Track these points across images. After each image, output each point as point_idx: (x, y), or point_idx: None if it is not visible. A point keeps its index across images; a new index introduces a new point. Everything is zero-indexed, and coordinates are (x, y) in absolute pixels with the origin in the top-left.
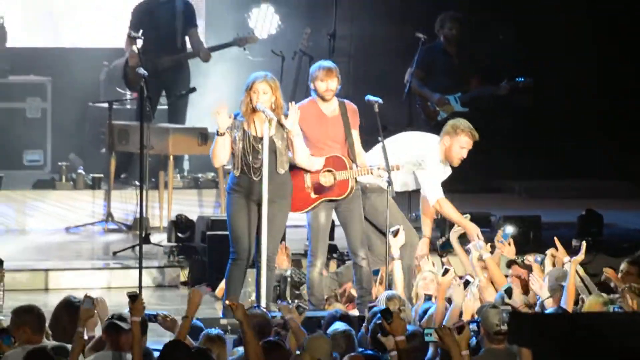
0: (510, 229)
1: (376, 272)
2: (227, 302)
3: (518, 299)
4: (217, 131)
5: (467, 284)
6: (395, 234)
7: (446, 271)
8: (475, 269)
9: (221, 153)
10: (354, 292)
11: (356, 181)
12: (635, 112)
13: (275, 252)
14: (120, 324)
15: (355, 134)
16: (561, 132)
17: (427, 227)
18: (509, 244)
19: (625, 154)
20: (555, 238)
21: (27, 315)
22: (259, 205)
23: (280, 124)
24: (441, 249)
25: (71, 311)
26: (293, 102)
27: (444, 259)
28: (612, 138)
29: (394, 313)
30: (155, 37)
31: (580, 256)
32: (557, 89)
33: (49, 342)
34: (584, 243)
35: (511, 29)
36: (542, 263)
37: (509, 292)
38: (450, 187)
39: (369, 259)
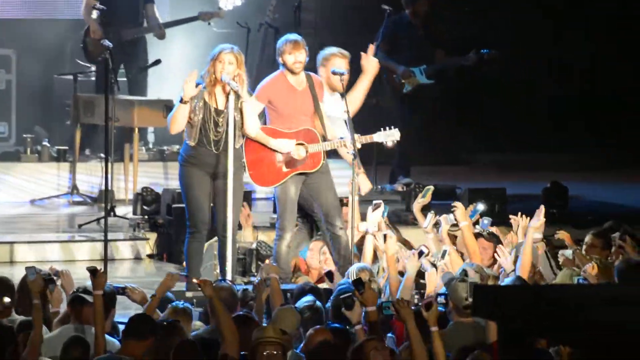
0: (481, 206)
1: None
2: (194, 280)
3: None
4: (182, 98)
5: (420, 254)
6: (374, 208)
7: (385, 237)
8: (445, 240)
9: (180, 121)
10: (328, 265)
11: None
12: (598, 87)
13: (237, 225)
14: (85, 297)
15: (323, 107)
16: (529, 105)
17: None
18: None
19: (593, 125)
20: (518, 215)
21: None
22: (214, 177)
23: (237, 95)
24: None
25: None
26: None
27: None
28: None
29: (366, 283)
30: (116, 9)
31: (537, 221)
32: (524, 61)
33: (17, 317)
34: (541, 207)
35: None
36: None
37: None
38: (418, 159)
39: (345, 228)
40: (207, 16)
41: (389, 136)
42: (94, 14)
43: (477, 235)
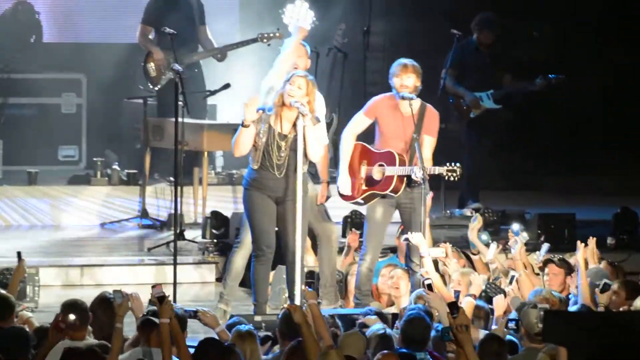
0: (516, 226)
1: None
2: (285, 305)
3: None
4: (242, 122)
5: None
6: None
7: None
8: (516, 262)
9: (243, 144)
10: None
11: (405, 180)
12: None
13: (303, 249)
14: (154, 320)
15: (428, 140)
16: (595, 130)
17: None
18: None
19: None
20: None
21: (70, 310)
22: (278, 202)
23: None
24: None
25: (106, 307)
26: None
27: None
28: None
29: (460, 308)
30: (172, 34)
31: (585, 250)
32: (591, 87)
33: (90, 340)
34: (591, 239)
35: (545, 26)
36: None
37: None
38: (490, 184)
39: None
40: (266, 38)
41: (451, 172)
42: (152, 43)
43: (548, 262)
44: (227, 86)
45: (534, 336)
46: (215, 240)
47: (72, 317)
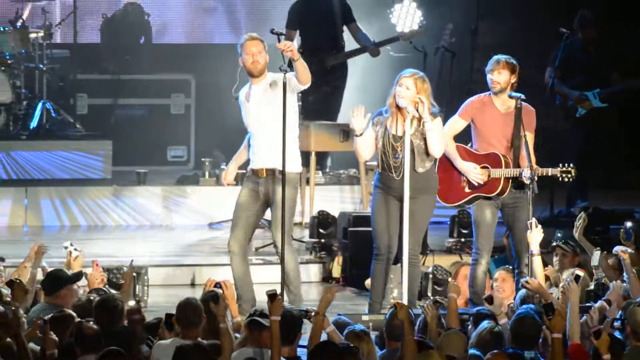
0: (629, 224)
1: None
2: (392, 301)
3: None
4: (354, 132)
5: (577, 279)
6: (530, 227)
7: (578, 278)
8: (625, 264)
9: (362, 151)
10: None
11: (511, 182)
12: None
13: (417, 248)
14: (261, 321)
15: (528, 137)
16: None
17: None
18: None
19: None
20: None
21: (183, 309)
22: (400, 201)
23: (418, 119)
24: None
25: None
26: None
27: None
28: None
29: (556, 309)
30: (316, 36)
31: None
32: None
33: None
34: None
35: None
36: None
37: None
38: (596, 183)
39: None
40: (407, 36)
41: (565, 173)
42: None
43: None
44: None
45: None
46: (322, 240)
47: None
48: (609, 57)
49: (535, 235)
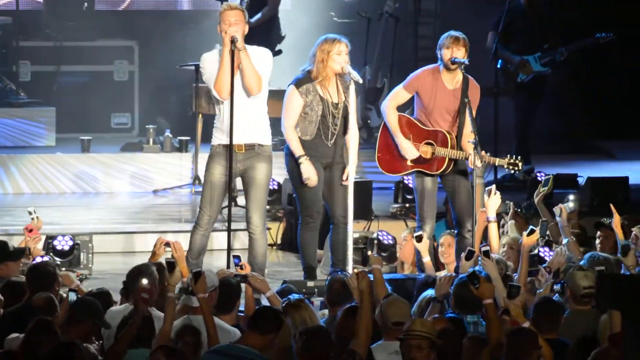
0: (571, 205)
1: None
2: (354, 270)
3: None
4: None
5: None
6: (488, 194)
7: (532, 231)
8: (564, 229)
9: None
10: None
11: (454, 162)
12: None
13: (347, 213)
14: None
15: (472, 113)
16: None
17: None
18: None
19: None
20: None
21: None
22: (325, 167)
23: (354, 83)
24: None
25: (161, 275)
26: None
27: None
28: None
29: (480, 277)
30: None
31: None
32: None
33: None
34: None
35: None
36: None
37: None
38: (538, 147)
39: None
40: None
41: (512, 165)
42: None
43: (599, 225)
44: (279, 52)
45: (580, 298)
46: (268, 207)
47: (145, 281)
48: (550, 20)
49: (493, 202)
